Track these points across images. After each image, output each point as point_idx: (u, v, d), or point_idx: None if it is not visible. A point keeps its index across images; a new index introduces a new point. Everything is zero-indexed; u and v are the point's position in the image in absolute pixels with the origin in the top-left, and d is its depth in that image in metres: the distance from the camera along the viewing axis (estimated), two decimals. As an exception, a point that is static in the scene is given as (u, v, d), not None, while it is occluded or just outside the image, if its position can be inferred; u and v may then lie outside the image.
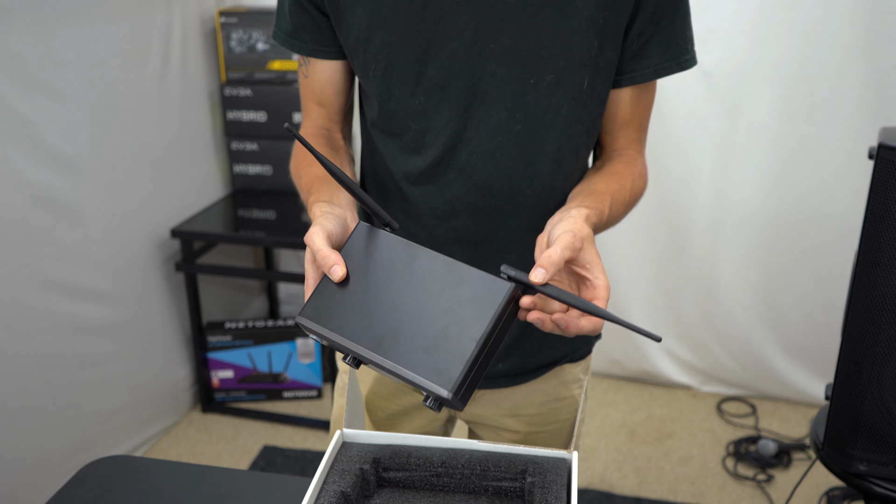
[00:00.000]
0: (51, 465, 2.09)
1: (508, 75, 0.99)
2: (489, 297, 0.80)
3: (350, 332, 0.84)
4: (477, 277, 0.82)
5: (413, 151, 1.06)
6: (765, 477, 2.40)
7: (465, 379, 0.78)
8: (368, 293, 0.85)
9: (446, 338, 0.80)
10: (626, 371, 2.90)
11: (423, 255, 0.85)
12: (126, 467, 1.15)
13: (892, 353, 1.35)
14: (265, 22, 2.65)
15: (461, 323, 0.80)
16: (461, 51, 0.99)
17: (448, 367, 0.78)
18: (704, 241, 2.67)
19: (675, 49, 1.04)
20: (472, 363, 0.78)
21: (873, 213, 1.32)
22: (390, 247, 0.87)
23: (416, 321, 0.82)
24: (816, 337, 2.60)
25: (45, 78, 2.00)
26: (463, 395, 0.78)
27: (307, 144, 0.84)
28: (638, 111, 1.09)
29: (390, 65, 1.01)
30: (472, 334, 0.79)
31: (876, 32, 2.26)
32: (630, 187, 1.06)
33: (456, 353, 0.78)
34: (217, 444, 2.57)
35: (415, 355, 0.80)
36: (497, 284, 0.81)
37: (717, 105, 2.49)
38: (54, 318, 2.09)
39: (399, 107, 1.04)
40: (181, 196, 2.61)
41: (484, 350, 0.79)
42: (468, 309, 0.80)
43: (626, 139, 1.11)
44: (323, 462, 0.90)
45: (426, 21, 0.98)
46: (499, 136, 1.02)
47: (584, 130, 1.05)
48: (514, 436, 1.22)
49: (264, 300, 3.20)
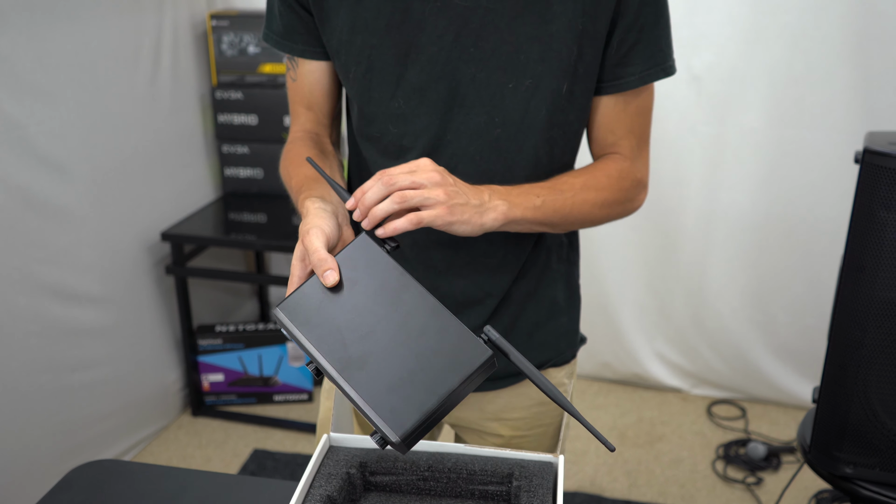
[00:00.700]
0: (40, 469, 2.08)
1: (488, 79, 1.00)
2: (466, 356, 0.80)
3: (322, 343, 0.84)
4: (459, 332, 0.81)
5: (392, 155, 1.07)
6: (754, 480, 2.41)
7: (416, 428, 0.78)
8: (351, 310, 0.84)
9: (412, 382, 0.79)
10: (616, 374, 2.91)
11: (414, 289, 0.85)
12: (113, 471, 1.14)
13: (878, 357, 1.36)
14: (256, 25, 2.65)
15: (430, 372, 0.79)
16: (441, 54, 0.99)
17: (404, 412, 0.78)
18: (695, 244, 2.68)
19: (660, 55, 1.05)
20: (428, 416, 0.78)
21: (859, 216, 1.33)
22: (385, 270, 0.86)
23: (388, 355, 0.81)
24: (806, 340, 2.61)
25: (35, 80, 2.00)
26: (409, 442, 0.78)
27: (324, 175, 0.92)
28: (625, 117, 1.10)
29: (370, 67, 1.02)
30: (437, 388, 0.79)
31: (864, 37, 2.27)
32: (583, 181, 1.05)
33: (416, 401, 0.78)
34: (207, 447, 2.56)
35: (376, 389, 0.80)
36: (477, 347, 0.80)
37: (707, 109, 2.50)
38: (44, 321, 2.09)
39: (378, 110, 1.04)
40: (172, 199, 2.60)
41: (442, 406, 0.79)
42: (441, 360, 0.80)
43: (611, 145, 1.11)
44: (309, 466, 0.90)
45: (407, 24, 0.99)
46: (478, 139, 1.03)
47: (562, 133, 1.06)
48: (499, 440, 1.22)
49: (255, 303, 3.20)
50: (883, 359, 1.35)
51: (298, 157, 1.09)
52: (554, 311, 1.18)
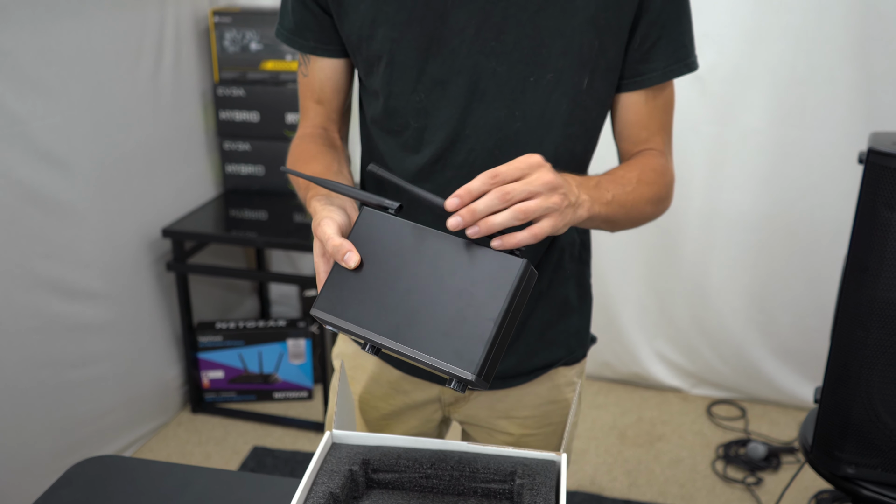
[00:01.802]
0: (40, 464, 2.08)
1: (509, 73, 1.00)
2: (503, 275, 0.80)
3: (366, 321, 0.84)
4: (489, 256, 0.81)
5: (412, 149, 1.07)
6: (754, 480, 2.41)
7: (487, 359, 0.78)
8: (381, 279, 0.85)
9: (464, 319, 0.79)
10: (616, 374, 2.90)
11: (432, 236, 0.85)
12: (114, 467, 1.14)
13: (881, 357, 1.36)
14: (259, 22, 2.64)
15: (477, 303, 0.80)
16: (462, 48, 0.99)
17: (469, 348, 0.78)
18: (696, 244, 2.67)
19: (683, 51, 1.05)
20: (492, 343, 0.78)
21: (862, 217, 1.33)
22: (399, 230, 0.86)
23: (431, 305, 0.82)
24: (807, 340, 2.61)
25: (37, 76, 1.99)
26: (486, 374, 0.79)
27: (297, 173, 0.92)
28: (655, 113, 1.10)
29: (392, 61, 1.02)
30: (489, 314, 0.79)
31: (867, 37, 2.27)
32: (637, 175, 1.04)
33: (475, 334, 0.78)
34: (207, 444, 2.56)
35: (434, 340, 0.80)
36: (510, 262, 0.80)
37: (709, 109, 2.50)
38: (45, 316, 2.09)
39: (399, 103, 1.04)
40: (173, 195, 2.60)
41: (502, 329, 0.79)
42: (483, 288, 0.80)
43: (644, 142, 1.11)
44: (312, 463, 0.90)
45: (428, 18, 0.99)
46: (498, 133, 1.02)
47: (583, 130, 1.05)
48: (508, 437, 1.22)
49: (255, 300, 3.20)
50: (885, 359, 1.35)
51: (306, 154, 1.09)
52: (565, 311, 1.18)
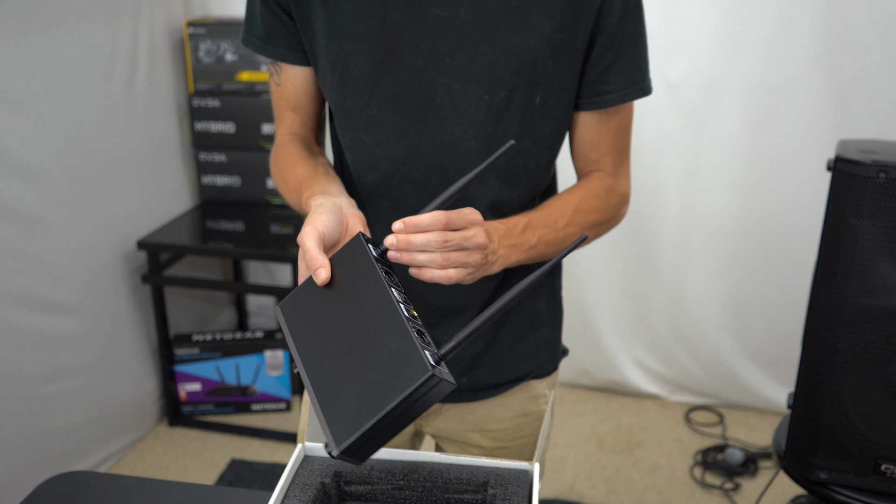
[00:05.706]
0: (11, 481, 2.05)
1: (463, 90, 1.00)
2: (407, 372, 0.75)
3: (303, 341, 0.84)
4: (407, 345, 0.77)
5: (364, 165, 1.06)
6: (732, 485, 2.42)
7: (356, 443, 0.76)
8: (335, 310, 0.84)
9: (360, 394, 0.77)
10: (595, 381, 2.91)
11: (381, 296, 0.81)
12: (85, 483, 1.13)
13: (851, 362, 1.37)
14: (234, 33, 2.64)
15: (376, 386, 0.76)
16: (417, 63, 0.99)
17: (347, 425, 0.76)
18: (672, 251, 2.69)
19: (638, 74, 1.06)
20: (369, 431, 0.76)
21: (830, 224, 1.34)
22: (368, 273, 0.84)
23: (348, 361, 0.80)
24: (782, 346, 2.64)
25: (8, 88, 1.97)
26: (357, 455, 0.77)
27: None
28: (608, 134, 1.10)
29: (346, 73, 1.01)
30: (378, 404, 0.75)
31: (837, 46, 2.30)
32: (576, 204, 1.06)
33: (359, 416, 0.76)
34: (184, 458, 2.54)
35: (333, 398, 0.79)
36: (419, 364, 0.75)
37: (682, 117, 2.52)
38: (17, 331, 2.06)
39: (351, 117, 1.04)
40: (148, 207, 2.58)
41: (385, 422, 0.76)
42: (388, 373, 0.76)
43: (594, 162, 1.12)
44: (283, 476, 0.90)
45: (384, 32, 0.99)
46: (453, 150, 1.03)
47: (536, 145, 1.06)
48: (480, 451, 1.22)
49: (233, 312, 3.18)
50: (856, 364, 1.37)
51: (291, 160, 1.08)
52: (535, 323, 1.18)
